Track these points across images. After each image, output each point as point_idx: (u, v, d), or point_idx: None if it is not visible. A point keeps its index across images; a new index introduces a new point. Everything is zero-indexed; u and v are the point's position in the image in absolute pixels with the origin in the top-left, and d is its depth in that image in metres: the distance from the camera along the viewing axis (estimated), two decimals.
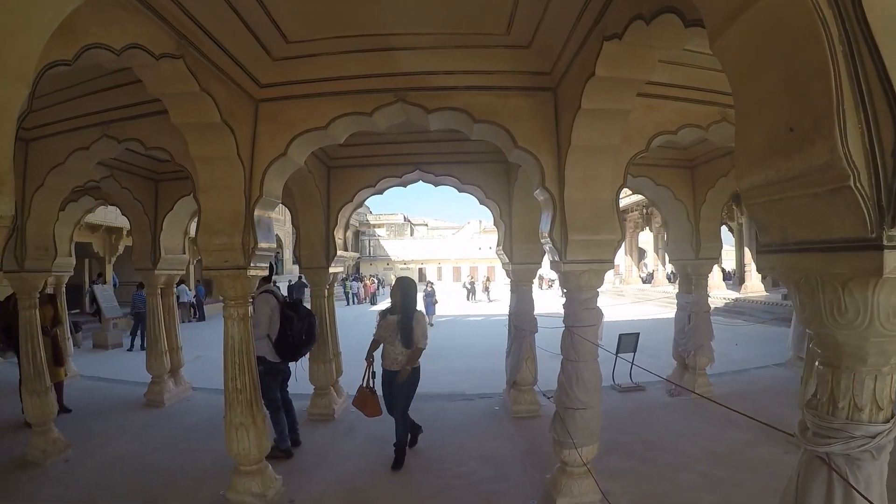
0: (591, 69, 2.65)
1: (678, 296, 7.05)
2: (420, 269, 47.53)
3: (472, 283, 30.40)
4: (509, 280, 6.06)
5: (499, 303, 26.85)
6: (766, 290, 20.78)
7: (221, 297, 3.58)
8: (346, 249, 6.20)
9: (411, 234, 55.37)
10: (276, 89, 3.49)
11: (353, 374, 5.14)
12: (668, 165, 6.35)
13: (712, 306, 7.05)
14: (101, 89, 3.75)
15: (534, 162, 3.36)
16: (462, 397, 6.76)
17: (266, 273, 4.02)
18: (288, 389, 4.83)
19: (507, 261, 5.74)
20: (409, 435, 4.67)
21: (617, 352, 6.78)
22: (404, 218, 57.50)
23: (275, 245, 3.83)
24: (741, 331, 12.14)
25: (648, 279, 28.21)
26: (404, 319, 4.33)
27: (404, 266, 47.87)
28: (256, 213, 3.46)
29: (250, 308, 3.65)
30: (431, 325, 15.43)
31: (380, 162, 5.54)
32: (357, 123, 3.52)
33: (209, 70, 2.98)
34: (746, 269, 21.15)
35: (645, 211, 23.99)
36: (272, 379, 4.49)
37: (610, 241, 3.33)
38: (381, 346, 4.50)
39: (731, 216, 20.48)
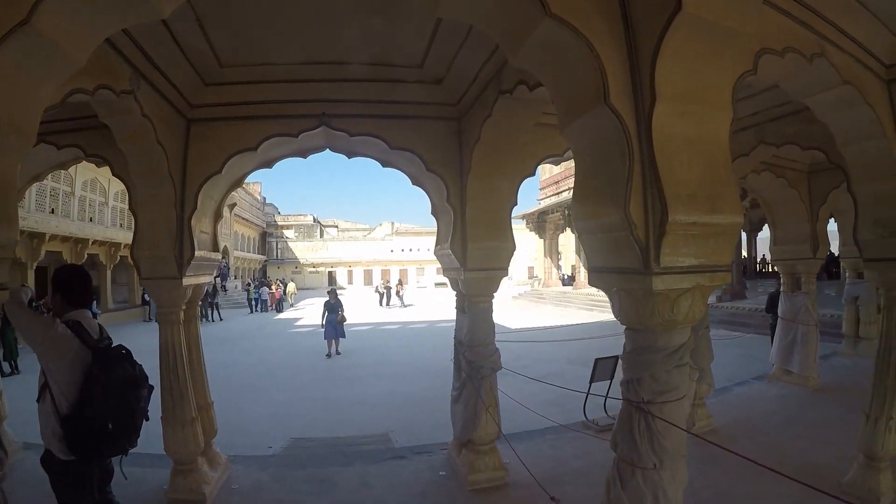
0: None
1: None
2: (330, 273, 44.92)
3: (386, 287, 28.34)
4: (456, 292, 4.30)
5: (414, 308, 25.17)
6: None
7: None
8: (215, 249, 4.09)
9: (321, 236, 52.47)
10: None
11: (244, 416, 3.04)
12: None
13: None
14: None
15: (582, 51, 1.61)
16: (392, 454, 4.85)
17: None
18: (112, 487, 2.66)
19: (457, 266, 3.91)
20: None
21: (592, 380, 5.30)
22: (314, 219, 54.65)
23: (15, 236, 1.78)
24: None
25: (569, 281, 27.73)
26: None
27: (313, 269, 44.90)
28: None
29: None
30: (337, 353, 11.83)
31: (266, 112, 3.52)
32: None
33: None
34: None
35: (566, 212, 23.43)
36: (76, 490, 2.37)
37: (730, 226, 1.72)
38: None
39: None
